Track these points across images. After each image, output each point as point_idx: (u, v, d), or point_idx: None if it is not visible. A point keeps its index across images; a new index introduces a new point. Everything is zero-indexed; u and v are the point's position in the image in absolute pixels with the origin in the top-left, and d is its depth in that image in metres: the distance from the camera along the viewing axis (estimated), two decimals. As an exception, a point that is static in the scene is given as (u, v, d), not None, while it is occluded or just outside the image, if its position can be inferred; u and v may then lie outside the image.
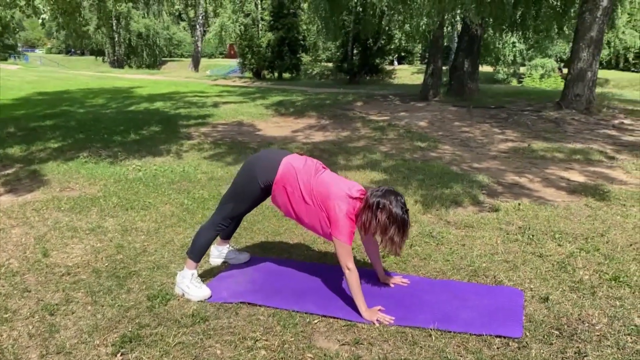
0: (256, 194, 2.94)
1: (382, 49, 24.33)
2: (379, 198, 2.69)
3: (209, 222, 3.05)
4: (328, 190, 2.76)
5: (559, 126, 8.82)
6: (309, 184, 2.80)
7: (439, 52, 12.52)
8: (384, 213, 2.66)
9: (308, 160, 2.95)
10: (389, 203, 2.67)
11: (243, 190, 2.95)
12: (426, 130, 8.81)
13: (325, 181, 2.81)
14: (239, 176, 2.99)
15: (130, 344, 2.49)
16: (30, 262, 3.44)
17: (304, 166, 2.88)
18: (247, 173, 2.95)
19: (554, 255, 3.49)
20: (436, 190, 5.07)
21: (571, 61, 10.30)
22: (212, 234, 3.02)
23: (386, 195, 2.70)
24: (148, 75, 28.82)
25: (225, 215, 3.01)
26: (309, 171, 2.85)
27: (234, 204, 2.99)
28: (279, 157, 2.93)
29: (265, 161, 2.95)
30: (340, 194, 2.74)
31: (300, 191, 2.81)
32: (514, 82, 35.91)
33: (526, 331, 2.52)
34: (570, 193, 5.11)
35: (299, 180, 2.82)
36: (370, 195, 2.72)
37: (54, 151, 7.00)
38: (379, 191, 2.73)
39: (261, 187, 2.90)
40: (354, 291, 2.72)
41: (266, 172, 2.88)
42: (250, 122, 10.02)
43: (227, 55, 52.01)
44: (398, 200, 2.70)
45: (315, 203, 2.78)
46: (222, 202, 3.05)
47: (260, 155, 3.07)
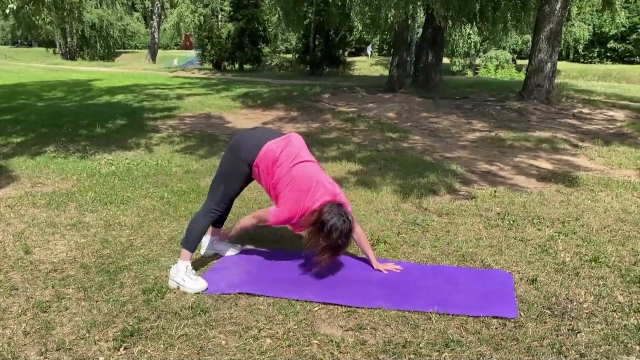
0: (243, 173, 3.00)
1: (344, 41, 24.41)
2: (329, 219, 2.79)
3: (203, 210, 3.06)
4: (294, 183, 2.89)
5: (522, 116, 9.11)
6: (281, 174, 2.89)
7: (404, 44, 12.68)
8: (325, 239, 2.81)
9: (289, 146, 2.97)
10: (334, 230, 2.78)
11: (231, 171, 2.99)
12: (395, 121, 8.94)
13: (297, 174, 2.90)
14: (225, 157, 3.05)
15: (132, 338, 2.46)
16: (12, 259, 3.34)
17: (283, 152, 2.93)
18: (233, 153, 3.00)
19: (535, 239, 3.64)
20: (413, 180, 5.18)
21: (531, 53, 10.64)
22: (206, 221, 3.03)
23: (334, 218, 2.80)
24: (103, 67, 27.99)
25: (217, 200, 3.02)
26: (287, 158, 2.92)
27: (225, 186, 3.01)
28: (261, 140, 2.96)
29: (249, 142, 3.00)
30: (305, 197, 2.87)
31: (274, 179, 2.91)
32: (470, 73, 36.67)
33: (520, 311, 2.63)
34: (540, 180, 5.31)
35: (274, 168, 2.90)
36: (326, 211, 2.82)
37: (18, 146, 6.77)
38: (333, 212, 2.82)
39: (248, 164, 2.96)
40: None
41: (248, 153, 2.94)
42: (218, 114, 9.92)
43: (183, 47, 51.03)
44: (340, 229, 2.80)
45: (278, 185, 2.91)
46: (213, 187, 3.07)
47: (245, 134, 3.12)
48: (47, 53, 41.39)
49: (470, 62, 39.82)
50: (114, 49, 41.63)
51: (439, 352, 2.31)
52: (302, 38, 24.83)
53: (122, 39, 43.98)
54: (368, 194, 4.72)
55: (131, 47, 49.64)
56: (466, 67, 39.02)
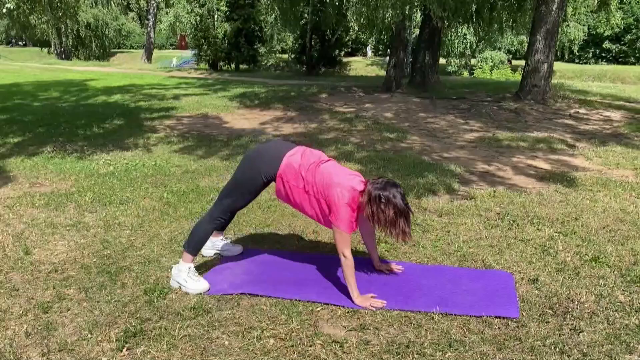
0: (258, 187, 2.96)
1: (340, 41, 24.43)
2: (381, 191, 2.72)
3: (208, 216, 3.04)
4: (330, 179, 2.79)
5: (519, 116, 9.13)
6: (310, 176, 2.83)
7: (402, 45, 12.70)
8: (390, 208, 2.70)
9: (307, 151, 2.97)
10: (393, 197, 2.71)
11: (245, 183, 2.96)
12: (393, 122, 8.95)
13: (327, 171, 2.84)
14: (241, 169, 2.99)
15: (134, 339, 2.46)
16: (12, 260, 3.33)
17: (302, 158, 2.90)
18: (250, 166, 2.95)
19: (535, 239, 3.65)
20: (411, 180, 5.18)
21: (528, 53, 10.67)
22: (211, 227, 3.02)
23: (387, 188, 2.74)
24: (99, 67, 27.90)
25: (225, 208, 3.01)
26: (308, 162, 2.88)
27: (235, 198, 2.99)
28: (281, 152, 2.94)
29: (268, 155, 2.96)
30: (342, 183, 2.77)
31: (303, 184, 2.84)
32: (465, 73, 36.75)
33: (522, 311, 2.64)
34: (539, 180, 5.32)
35: (301, 174, 2.85)
36: (372, 188, 2.75)
37: (15, 146, 6.74)
38: (379, 183, 2.76)
39: (264, 181, 2.93)
40: (348, 278, 2.77)
41: (269, 167, 2.90)
42: (216, 114, 9.90)
43: (179, 47, 50.94)
44: (399, 192, 2.75)
45: (317, 193, 2.81)
46: (222, 195, 3.04)
47: (263, 148, 3.09)
48: (42, 53, 41.26)
49: (466, 63, 39.91)
50: (109, 49, 41.51)
51: (443, 352, 2.32)
52: (298, 38, 24.84)
53: (117, 38, 43.87)
54: (367, 194, 4.72)
55: (126, 47, 49.52)
56: (462, 67, 39.10)
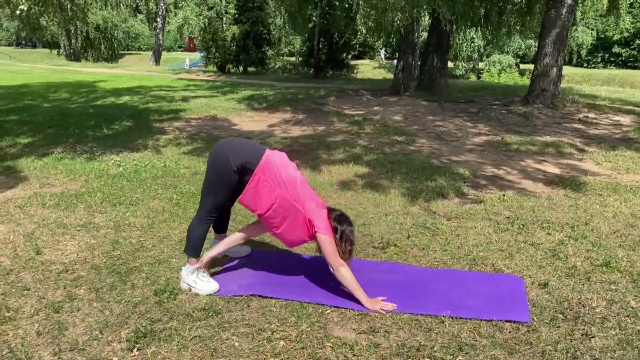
0: (231, 178, 2.85)
1: (348, 44, 24.44)
2: (338, 225, 2.86)
3: (196, 217, 3.04)
4: (308, 194, 2.88)
5: (528, 120, 9.10)
6: (287, 177, 2.84)
7: (410, 47, 12.70)
8: (347, 243, 2.86)
9: (281, 155, 2.97)
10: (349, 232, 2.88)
11: (217, 176, 2.91)
12: (401, 125, 8.94)
13: (304, 184, 2.92)
14: (210, 164, 2.96)
15: (145, 339, 2.47)
16: (23, 259, 3.35)
17: (281, 160, 2.92)
18: (218, 158, 2.90)
19: (545, 243, 3.64)
20: (420, 183, 5.18)
21: (537, 57, 10.63)
22: (203, 228, 3.01)
23: (342, 222, 2.88)
24: (108, 68, 28.08)
25: (208, 207, 2.99)
26: (286, 166, 2.90)
27: (214, 194, 2.96)
28: (258, 146, 2.96)
29: (239, 145, 2.97)
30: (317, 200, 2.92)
31: (281, 187, 2.81)
32: (473, 77, 36.70)
33: (533, 316, 2.63)
34: (548, 184, 5.30)
35: (279, 172, 2.83)
36: (332, 218, 2.88)
37: (26, 147, 6.78)
38: (336, 215, 2.90)
39: (234, 170, 2.82)
40: (352, 286, 2.77)
41: (241, 155, 2.84)
42: (224, 116, 9.93)
43: (187, 49, 51.20)
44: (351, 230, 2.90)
45: (296, 201, 2.82)
46: (202, 194, 3.03)
47: (231, 140, 3.13)
48: (52, 54, 41.56)
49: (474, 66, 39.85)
50: (118, 51, 41.76)
51: (453, 355, 2.31)
52: (306, 41, 24.87)
53: (126, 40, 44.10)
54: (376, 197, 4.73)
55: (135, 49, 49.80)
56: (469, 71, 39.05)
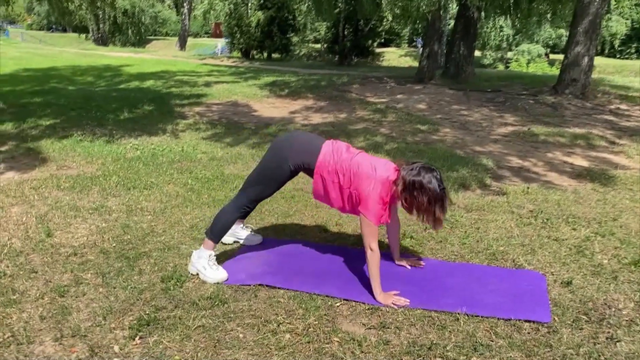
0: (285, 177, 2.86)
1: (374, 31, 24.12)
2: (415, 177, 2.57)
3: (233, 204, 2.95)
4: (362, 172, 2.67)
5: (556, 110, 8.81)
6: (344, 170, 2.72)
7: (436, 35, 12.40)
8: (424, 194, 2.55)
9: (336, 144, 2.86)
10: (427, 182, 2.56)
11: (272, 172, 2.85)
12: (425, 113, 8.74)
13: (358, 163, 2.72)
14: (268, 158, 2.89)
15: (148, 327, 2.40)
16: (33, 242, 3.32)
17: (334, 152, 2.79)
18: (277, 154, 2.85)
19: (569, 239, 3.47)
20: (442, 173, 4.99)
21: (568, 46, 10.28)
22: (235, 216, 2.93)
23: (421, 173, 2.58)
24: (134, 53, 28.29)
25: (251, 197, 2.91)
26: (340, 157, 2.77)
27: (262, 187, 2.88)
28: (313, 143, 2.84)
29: (298, 144, 2.86)
30: (374, 175, 2.65)
31: (338, 179, 2.73)
32: (501, 67, 35.98)
33: (554, 316, 2.48)
34: (575, 177, 5.09)
35: (335, 169, 2.74)
36: (407, 174, 2.60)
37: (47, 129, 6.80)
38: (414, 169, 2.61)
39: (291, 170, 2.82)
40: (372, 272, 2.65)
41: (298, 156, 2.80)
42: (245, 102, 9.86)
43: (213, 35, 51.23)
44: (435, 177, 2.59)
45: (351, 187, 2.70)
46: (248, 184, 2.93)
47: (292, 136, 2.99)
48: (80, 39, 42.04)
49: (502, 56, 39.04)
50: (145, 36, 41.99)
51: (467, 356, 2.18)
52: (331, 27, 24.61)
53: (153, 26, 44.32)
54: (395, 186, 4.59)
55: (162, 34, 50.02)
56: (497, 60, 38.28)
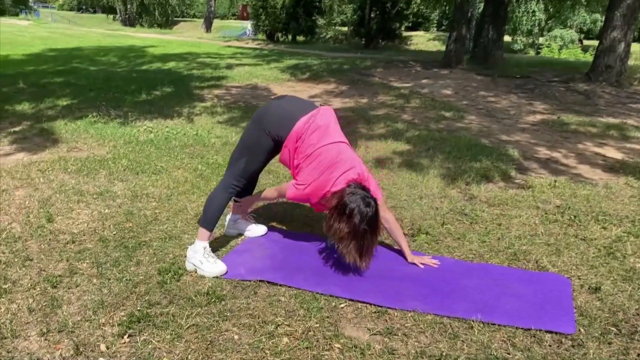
0: (268, 146, 2.71)
1: (401, 13, 23.59)
2: (348, 201, 2.46)
3: (221, 184, 2.79)
4: (317, 163, 2.58)
5: (589, 99, 8.40)
6: (301, 152, 2.62)
7: (464, 18, 11.96)
8: (347, 222, 2.46)
9: (313, 123, 2.63)
10: (356, 213, 2.44)
11: (253, 142, 2.71)
12: (450, 99, 8.43)
13: (321, 153, 2.59)
14: (248, 127, 2.76)
15: (138, 324, 2.25)
16: (33, 227, 3.21)
17: (308, 131, 2.62)
18: (256, 123, 2.71)
19: (599, 239, 3.20)
20: (464, 164, 4.77)
21: (603, 31, 9.79)
22: (224, 198, 2.77)
23: (357, 201, 2.45)
24: (160, 34, 28.32)
25: (237, 174, 2.75)
26: (310, 137, 2.61)
27: (246, 160, 2.73)
28: (293, 115, 2.65)
29: (275, 114, 2.70)
30: (318, 179, 2.57)
31: (297, 153, 2.64)
32: (531, 52, 35.00)
33: (579, 327, 2.25)
34: (607, 170, 4.78)
35: (297, 148, 2.63)
36: (345, 193, 2.49)
37: (63, 109, 6.73)
38: (355, 194, 2.48)
39: (275, 139, 2.67)
40: None
41: (277, 127, 2.65)
42: (265, 85, 9.67)
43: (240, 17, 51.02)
44: (366, 214, 2.45)
45: (301, 162, 2.62)
46: (233, 159, 2.78)
47: (273, 105, 2.77)
48: (108, 19, 42.31)
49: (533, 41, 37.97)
50: (172, 17, 42.02)
51: (480, 370, 1.98)
52: (357, 10, 24.14)
53: (180, 7, 44.31)
54: (413, 177, 4.36)
55: (189, 16, 50.05)
56: (528, 46, 37.26)
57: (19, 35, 20.55)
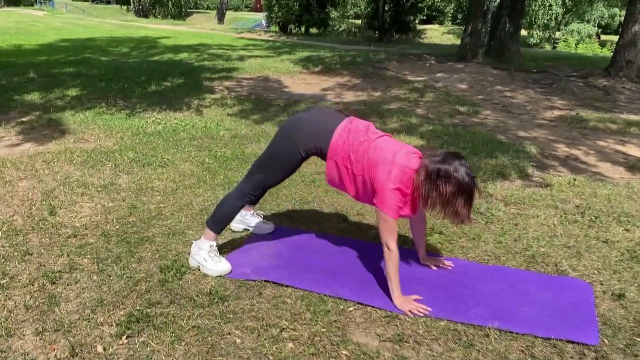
0: (295, 163, 2.50)
1: (415, 6, 23.30)
2: (439, 164, 2.21)
3: (237, 191, 2.62)
4: (379, 157, 2.31)
5: (608, 95, 8.17)
6: (357, 153, 2.37)
7: (480, 11, 11.72)
8: (450, 184, 2.18)
9: (354, 125, 2.48)
10: (454, 170, 2.19)
11: (280, 158, 2.50)
12: (465, 94, 8.24)
13: (377, 147, 2.36)
14: (276, 141, 2.53)
15: (137, 325, 2.16)
16: (35, 220, 3.13)
17: (349, 134, 2.43)
18: (286, 138, 2.49)
19: (621, 241, 3.05)
20: (479, 160, 4.62)
21: (624, 24, 9.52)
22: (239, 205, 2.61)
23: (447, 159, 2.21)
24: (173, 25, 28.23)
25: (256, 185, 2.58)
26: (356, 140, 2.40)
27: (268, 174, 2.54)
28: (327, 125, 2.48)
29: (309, 126, 2.49)
30: (393, 161, 2.28)
31: (350, 164, 2.39)
32: (548, 46, 34.51)
33: (603, 337, 2.12)
34: (629, 169, 4.61)
35: (349, 155, 2.39)
36: (429, 162, 2.24)
37: (72, 99, 6.66)
38: (438, 156, 2.25)
39: (302, 156, 2.47)
40: (390, 273, 2.32)
41: (309, 139, 2.45)
42: (277, 77, 9.54)
43: (254, 9, 50.83)
44: (462, 164, 2.21)
45: (365, 174, 2.36)
46: (254, 169, 2.59)
47: (303, 117, 2.57)
48: (122, 10, 42.31)
49: (550, 35, 37.44)
50: (186, 8, 41.91)
51: (496, 382, 1.86)
52: (371, 2, 23.88)
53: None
54: (426, 173, 4.22)
55: (203, 7, 49.94)
56: (544, 40, 36.75)
57: (32, 25, 20.58)
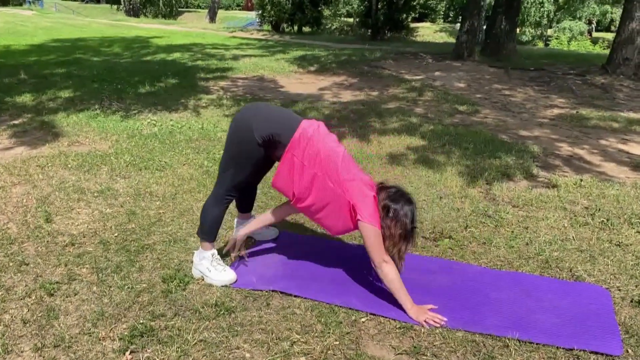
0: (255, 152, 2.34)
1: (408, 4, 23.23)
2: (392, 204, 2.24)
3: (213, 197, 2.50)
4: (349, 173, 2.28)
5: (607, 92, 8.13)
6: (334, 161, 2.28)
7: (476, 8, 11.65)
8: (397, 226, 2.22)
9: (320, 127, 2.38)
10: (404, 215, 2.23)
11: (238, 149, 2.37)
12: (464, 92, 8.17)
13: (347, 162, 2.32)
14: (231, 133, 2.40)
15: (141, 339, 2.06)
16: (30, 227, 3.02)
17: (319, 134, 2.33)
18: (239, 126, 2.36)
19: (635, 244, 2.98)
20: (482, 161, 4.54)
21: (622, 21, 9.50)
22: (219, 209, 2.49)
23: (400, 202, 2.25)
24: (164, 25, 27.95)
25: (227, 185, 2.45)
26: (325, 139, 2.33)
27: (233, 170, 2.41)
28: (292, 116, 2.40)
29: (267, 112, 2.41)
30: (364, 178, 2.31)
31: (323, 169, 2.27)
32: (540, 44, 34.61)
33: (626, 347, 2.05)
34: (634, 169, 4.55)
35: (319, 153, 2.27)
36: (385, 197, 2.27)
37: (65, 101, 6.52)
38: (392, 195, 2.28)
39: (258, 143, 2.30)
40: (396, 288, 2.23)
41: (269, 126, 2.30)
42: (272, 77, 9.43)
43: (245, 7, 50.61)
44: (411, 211, 2.25)
45: (336, 185, 2.26)
46: (222, 169, 2.47)
47: (257, 105, 2.48)
48: (112, 10, 41.95)
49: (541, 33, 37.55)
50: (177, 8, 41.62)
51: (521, 398, 1.78)
52: (364, 0, 23.79)
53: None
54: (430, 175, 4.14)
55: (194, 6, 49.65)
56: (536, 37, 36.85)
57: (21, 26, 20.29)
